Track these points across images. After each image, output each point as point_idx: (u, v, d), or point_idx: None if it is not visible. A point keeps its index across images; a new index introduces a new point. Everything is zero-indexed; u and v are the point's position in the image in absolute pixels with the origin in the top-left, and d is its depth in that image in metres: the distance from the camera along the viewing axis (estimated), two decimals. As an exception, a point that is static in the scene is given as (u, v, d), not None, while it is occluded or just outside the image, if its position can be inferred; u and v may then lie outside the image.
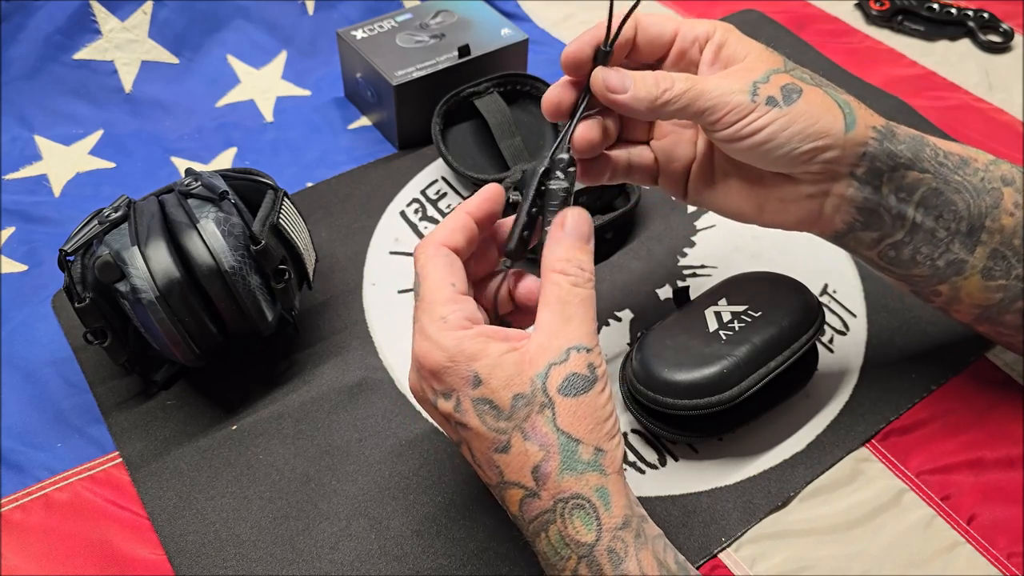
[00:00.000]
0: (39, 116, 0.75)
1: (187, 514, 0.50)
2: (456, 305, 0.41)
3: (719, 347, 0.51)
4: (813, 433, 0.55)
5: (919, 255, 0.49)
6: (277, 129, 0.77)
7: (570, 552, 0.39)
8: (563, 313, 0.40)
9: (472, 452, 0.41)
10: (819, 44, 0.88)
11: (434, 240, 0.43)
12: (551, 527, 0.39)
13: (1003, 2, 0.95)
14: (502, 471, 0.40)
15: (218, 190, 0.52)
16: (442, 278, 0.41)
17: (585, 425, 0.39)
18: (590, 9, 0.92)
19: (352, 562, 0.48)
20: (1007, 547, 0.50)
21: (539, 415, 0.39)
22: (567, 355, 0.39)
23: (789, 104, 0.43)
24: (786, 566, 0.49)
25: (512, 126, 0.70)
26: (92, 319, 0.50)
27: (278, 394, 0.56)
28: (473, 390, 0.39)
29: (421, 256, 0.42)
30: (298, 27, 0.84)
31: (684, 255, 0.66)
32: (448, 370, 0.40)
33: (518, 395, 0.39)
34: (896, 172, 0.46)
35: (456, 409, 0.40)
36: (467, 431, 0.40)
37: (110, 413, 0.55)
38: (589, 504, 0.38)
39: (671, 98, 0.43)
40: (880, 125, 0.46)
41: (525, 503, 0.40)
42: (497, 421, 0.39)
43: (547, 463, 0.39)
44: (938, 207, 0.47)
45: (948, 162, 0.48)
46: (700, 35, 0.46)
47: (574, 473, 0.38)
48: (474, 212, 0.44)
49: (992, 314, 0.51)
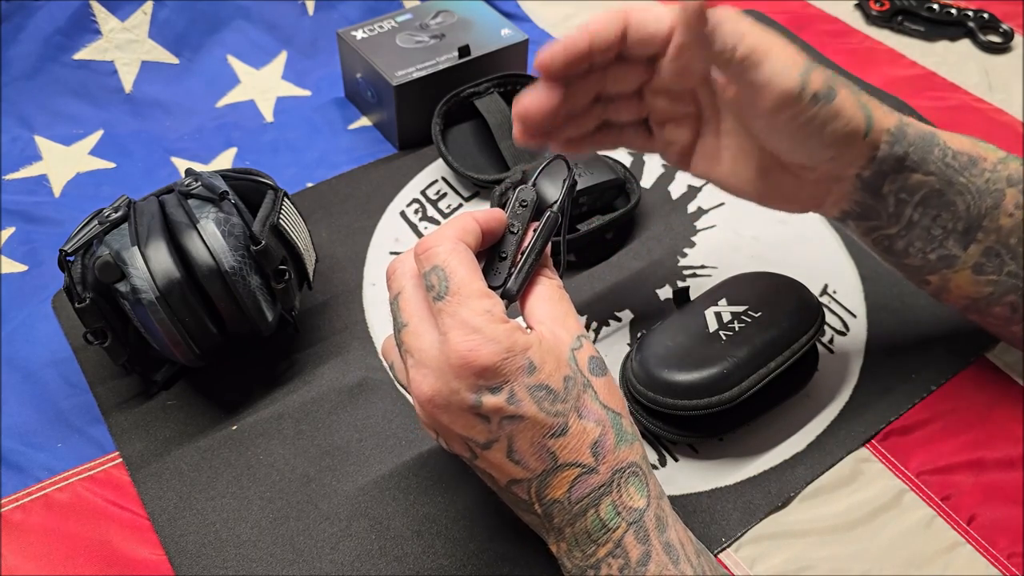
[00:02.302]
0: (39, 116, 0.75)
1: (187, 514, 0.50)
2: (492, 300, 0.39)
3: (719, 347, 0.51)
4: (813, 433, 0.55)
5: (912, 248, 0.49)
6: (277, 129, 0.77)
7: (620, 521, 0.39)
8: (563, 307, 0.42)
9: (513, 449, 0.39)
10: (819, 44, 0.88)
11: (449, 235, 0.41)
12: (604, 500, 0.40)
13: (1003, 2, 0.95)
14: (556, 455, 0.39)
15: (218, 190, 0.52)
16: (472, 271, 0.40)
17: (617, 399, 0.41)
18: (590, 9, 0.92)
19: (352, 562, 0.48)
20: (1007, 547, 0.50)
21: (585, 394, 0.40)
22: (580, 342, 0.41)
23: (829, 101, 0.43)
24: (786, 566, 0.49)
25: (512, 126, 0.70)
26: (92, 319, 0.50)
27: (278, 394, 0.56)
28: (529, 377, 0.38)
29: (440, 250, 0.40)
30: (298, 27, 0.84)
31: (684, 255, 0.66)
32: (505, 362, 0.38)
33: (567, 377, 0.39)
34: (900, 174, 0.46)
35: (510, 401, 0.38)
36: (518, 424, 0.39)
37: (110, 413, 0.55)
38: (641, 471, 0.40)
39: (747, 49, 0.42)
40: (893, 126, 0.46)
41: (578, 482, 0.39)
42: (554, 404, 0.39)
43: (606, 437, 0.40)
44: (937, 207, 0.48)
45: (956, 163, 0.48)
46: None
47: (627, 443, 0.40)
48: (482, 223, 0.42)
49: (981, 306, 0.51)
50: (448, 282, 0.39)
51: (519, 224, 0.43)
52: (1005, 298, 0.50)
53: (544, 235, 0.43)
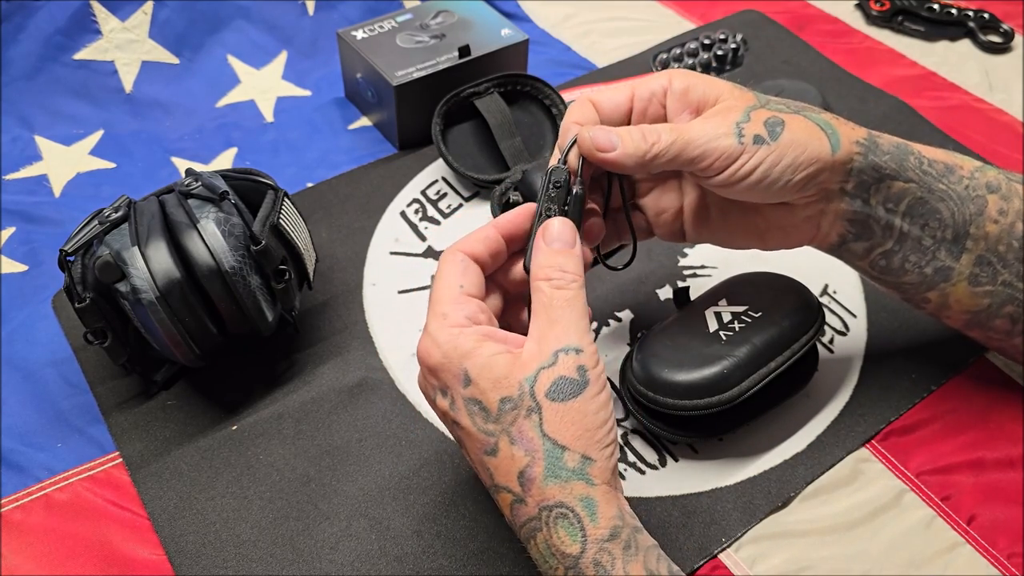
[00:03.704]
0: (39, 116, 0.75)
1: (187, 514, 0.50)
2: (459, 304, 0.41)
3: (719, 348, 0.51)
4: (813, 433, 0.55)
5: (907, 263, 0.49)
6: (277, 129, 0.77)
7: (556, 563, 0.38)
8: (548, 317, 0.40)
9: (467, 452, 0.42)
10: (819, 44, 0.88)
11: (453, 247, 0.43)
12: (538, 535, 0.39)
13: (1003, 2, 0.95)
14: (492, 474, 0.40)
15: (218, 190, 0.52)
16: (452, 279, 0.42)
17: (572, 431, 0.39)
18: (590, 9, 0.92)
19: (352, 562, 0.48)
20: (1007, 547, 0.50)
21: (526, 419, 0.39)
22: (555, 358, 0.39)
23: (775, 139, 0.43)
24: (786, 567, 0.49)
25: (512, 126, 0.70)
26: (92, 319, 0.50)
27: (278, 394, 0.56)
28: (464, 389, 0.40)
29: (440, 261, 0.43)
30: (298, 27, 0.84)
31: (684, 255, 0.66)
32: (442, 366, 0.40)
33: (505, 398, 0.39)
34: (882, 183, 0.47)
35: (451, 407, 0.41)
36: (460, 430, 0.41)
37: (110, 413, 0.55)
38: (573, 514, 0.38)
39: (660, 151, 0.43)
40: (863, 138, 0.46)
41: (514, 508, 0.40)
42: (486, 423, 0.39)
43: (532, 468, 0.38)
44: (924, 215, 0.48)
45: (932, 170, 0.48)
46: (656, 89, 0.46)
47: (558, 481, 0.38)
48: (501, 226, 0.44)
49: (981, 319, 0.51)
50: (433, 289, 0.42)
51: (555, 207, 0.44)
52: (1003, 309, 0.50)
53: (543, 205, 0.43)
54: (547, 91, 0.72)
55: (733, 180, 0.44)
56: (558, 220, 0.43)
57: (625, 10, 0.92)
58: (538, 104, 0.73)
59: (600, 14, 0.92)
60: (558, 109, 0.72)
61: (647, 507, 0.51)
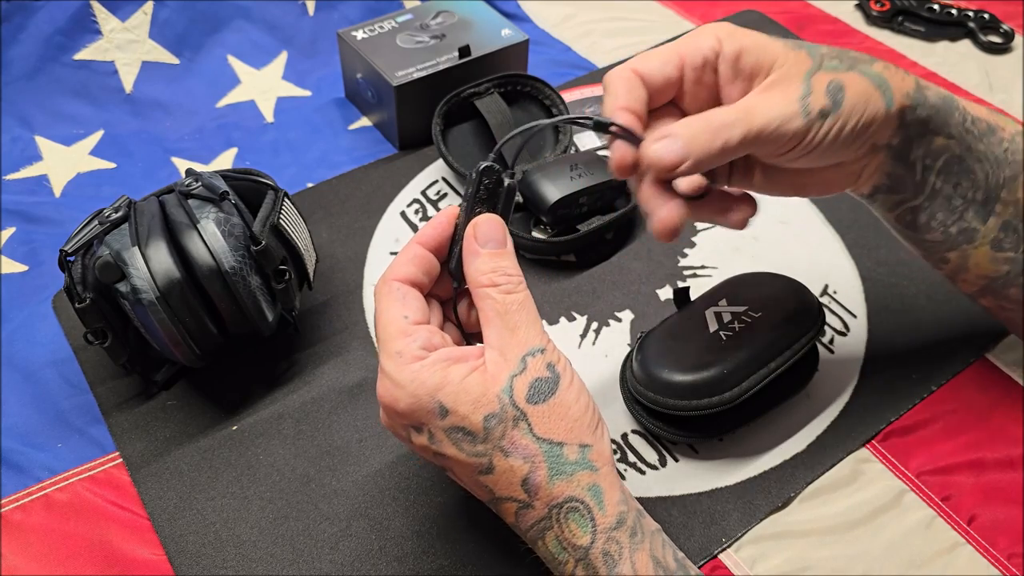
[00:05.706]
0: (39, 116, 0.75)
1: (187, 514, 0.50)
2: (409, 338, 0.40)
3: (719, 348, 0.51)
4: (813, 434, 0.55)
5: (934, 221, 0.48)
6: (277, 129, 0.77)
7: (568, 556, 0.39)
8: (507, 324, 0.40)
9: (457, 477, 0.42)
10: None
11: (384, 278, 0.42)
12: (548, 534, 0.39)
13: (1003, 2, 0.95)
14: (491, 489, 0.40)
15: (218, 190, 0.52)
16: (393, 313, 0.41)
17: (563, 426, 0.39)
18: (590, 9, 0.92)
19: (352, 562, 0.48)
20: (1007, 548, 0.50)
21: (515, 429, 0.39)
22: (524, 364, 0.39)
23: (838, 108, 0.41)
24: (786, 567, 0.49)
25: (512, 126, 0.70)
26: (92, 319, 0.50)
27: (278, 394, 0.56)
28: (442, 420, 0.39)
29: (375, 296, 0.42)
30: (298, 27, 0.84)
31: (684, 256, 0.66)
32: (413, 408, 0.39)
33: (489, 415, 0.38)
34: (924, 137, 0.46)
35: (431, 441, 0.40)
36: (446, 460, 0.40)
37: (110, 413, 0.55)
38: (583, 505, 0.39)
39: (730, 147, 0.40)
40: (912, 90, 0.44)
41: (520, 514, 0.40)
42: (474, 446, 0.39)
43: (535, 474, 0.39)
44: (958, 174, 0.47)
45: (975, 129, 0.47)
46: (708, 55, 0.42)
47: (564, 477, 0.39)
48: (425, 241, 0.43)
49: (997, 286, 0.51)
50: (377, 326, 0.41)
51: (485, 208, 0.42)
52: (1020, 278, 0.50)
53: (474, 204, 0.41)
54: (547, 91, 0.72)
55: (801, 156, 0.42)
56: (485, 219, 0.41)
57: (625, 10, 0.92)
58: (538, 104, 0.73)
59: (600, 14, 0.92)
60: (558, 109, 0.72)
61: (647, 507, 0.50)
